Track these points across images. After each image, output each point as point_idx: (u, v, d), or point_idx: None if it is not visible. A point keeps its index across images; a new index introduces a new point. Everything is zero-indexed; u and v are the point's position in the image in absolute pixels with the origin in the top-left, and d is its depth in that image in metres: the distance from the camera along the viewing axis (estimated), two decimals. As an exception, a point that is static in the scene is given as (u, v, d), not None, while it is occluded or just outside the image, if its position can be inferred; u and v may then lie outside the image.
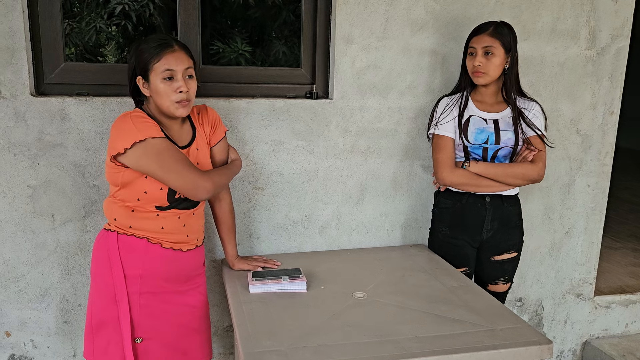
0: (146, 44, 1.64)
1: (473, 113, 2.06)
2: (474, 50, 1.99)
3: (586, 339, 2.78)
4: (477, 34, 1.99)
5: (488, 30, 1.97)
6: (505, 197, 2.10)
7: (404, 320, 1.63)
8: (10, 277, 2.04)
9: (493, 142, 2.03)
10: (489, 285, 2.21)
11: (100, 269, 1.72)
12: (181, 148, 1.72)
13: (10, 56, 1.89)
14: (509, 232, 2.14)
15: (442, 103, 2.10)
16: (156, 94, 1.64)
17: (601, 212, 2.63)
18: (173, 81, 1.63)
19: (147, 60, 1.62)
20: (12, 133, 1.93)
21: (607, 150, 2.55)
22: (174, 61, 1.62)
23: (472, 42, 2.00)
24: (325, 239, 2.31)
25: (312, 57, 2.24)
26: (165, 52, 1.62)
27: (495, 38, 1.96)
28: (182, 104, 1.65)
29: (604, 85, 2.47)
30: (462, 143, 2.04)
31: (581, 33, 2.39)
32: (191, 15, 2.08)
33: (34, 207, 2.00)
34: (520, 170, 2.03)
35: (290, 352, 1.44)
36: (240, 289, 1.83)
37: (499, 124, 2.04)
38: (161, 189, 1.66)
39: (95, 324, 1.73)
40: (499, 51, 1.96)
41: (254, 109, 2.13)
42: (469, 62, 2.02)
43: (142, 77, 1.65)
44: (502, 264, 2.17)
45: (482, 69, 1.97)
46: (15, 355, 2.11)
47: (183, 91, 1.63)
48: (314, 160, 2.23)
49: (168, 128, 1.71)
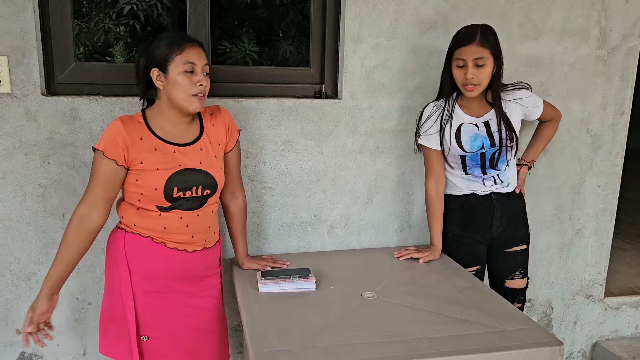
0: (165, 39, 1.67)
1: (463, 120, 2.04)
2: (464, 62, 1.91)
3: (596, 340, 2.76)
4: (464, 44, 1.90)
5: (475, 39, 1.88)
6: (510, 193, 2.13)
7: (414, 321, 1.62)
8: (22, 276, 2.05)
9: (489, 145, 2.03)
10: (506, 282, 2.19)
11: (110, 265, 1.76)
12: (182, 145, 1.72)
13: (22, 56, 1.90)
14: (517, 226, 2.17)
15: (427, 112, 2.09)
16: (174, 85, 1.65)
17: (611, 213, 2.61)
18: (193, 75, 1.65)
19: (168, 52, 1.64)
20: (23, 132, 1.95)
21: (617, 151, 2.53)
22: (197, 55, 1.66)
23: (461, 54, 1.91)
24: (333, 239, 2.31)
25: (321, 57, 2.23)
26: (187, 45, 1.66)
27: (485, 47, 1.89)
28: (198, 97, 1.67)
29: (614, 85, 2.45)
30: (458, 153, 2.05)
31: (592, 32, 2.37)
32: (201, 15, 2.08)
33: (45, 206, 2.01)
34: (552, 133, 2.24)
35: (299, 352, 1.44)
36: (249, 289, 1.83)
37: (490, 126, 2.03)
38: (155, 190, 1.66)
39: (106, 319, 1.77)
40: (489, 60, 1.91)
41: (263, 109, 2.13)
42: (458, 74, 1.94)
43: (158, 69, 1.66)
44: (514, 256, 2.17)
45: (474, 81, 1.91)
46: (25, 353, 2.12)
47: (203, 84, 1.66)
48: (323, 160, 2.23)
49: (174, 125, 1.72)
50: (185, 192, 1.70)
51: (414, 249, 2.16)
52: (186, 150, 1.72)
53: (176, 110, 1.70)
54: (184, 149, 1.72)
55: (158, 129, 1.70)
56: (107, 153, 1.63)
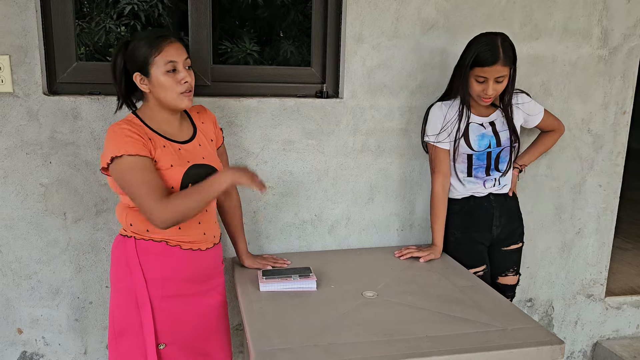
0: (140, 40, 1.61)
1: (471, 120, 2.07)
2: (485, 79, 1.93)
3: (597, 340, 2.76)
4: (487, 65, 1.90)
5: (498, 60, 1.89)
6: (505, 194, 2.18)
7: (415, 320, 1.62)
8: (23, 275, 2.05)
9: (495, 145, 2.07)
10: (499, 279, 2.23)
11: (120, 274, 1.70)
12: (183, 143, 1.71)
13: (24, 55, 1.90)
14: (514, 224, 2.22)
15: (438, 112, 2.08)
16: (160, 87, 1.62)
17: (612, 213, 2.61)
18: (176, 73, 1.62)
19: (146, 55, 1.59)
20: (25, 132, 1.95)
21: (619, 150, 2.53)
22: (175, 52, 1.62)
23: (484, 72, 1.92)
24: (334, 238, 2.31)
25: (323, 57, 2.24)
26: (164, 44, 1.60)
27: (507, 65, 1.92)
28: (186, 94, 1.65)
29: (616, 84, 2.45)
30: (466, 152, 2.07)
31: (593, 32, 2.37)
32: (202, 15, 2.08)
33: (46, 205, 2.02)
34: (550, 144, 2.28)
35: (300, 351, 1.44)
36: (250, 288, 1.83)
37: (496, 126, 2.08)
38: (172, 188, 1.64)
39: (118, 331, 1.71)
40: (508, 72, 1.95)
41: (264, 108, 2.13)
42: (477, 87, 1.96)
43: (140, 73, 1.62)
44: (510, 254, 2.23)
45: (493, 95, 1.97)
46: (27, 352, 2.12)
47: (188, 81, 1.64)
48: (324, 159, 2.23)
49: (168, 124, 1.70)
50: None
51: (414, 248, 2.17)
52: (188, 147, 1.72)
53: (166, 109, 1.68)
54: (186, 145, 1.71)
55: (158, 129, 1.68)
56: (139, 151, 1.55)
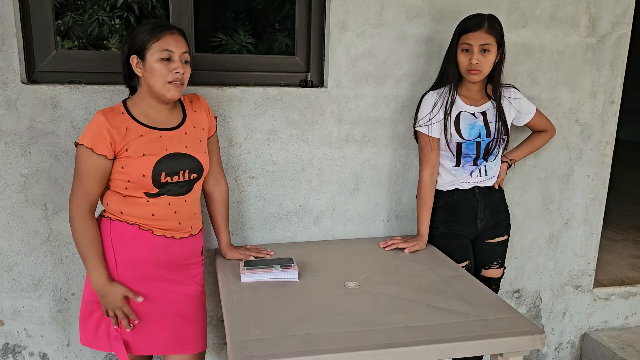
0: (145, 25, 1.67)
1: (462, 109, 2.06)
2: (470, 47, 1.95)
3: (585, 331, 2.75)
4: (472, 30, 1.94)
5: (483, 26, 1.94)
6: (491, 187, 2.16)
7: (395, 310, 1.61)
8: (3, 266, 2.03)
9: (485, 135, 2.06)
10: (482, 271, 2.22)
11: None
12: (168, 130, 1.73)
13: (1, 43, 1.87)
14: (499, 217, 2.20)
15: (430, 100, 2.08)
16: (150, 73, 1.65)
17: (601, 203, 2.59)
18: (170, 62, 1.65)
19: (145, 39, 1.64)
20: (3, 121, 1.92)
21: (607, 140, 2.51)
22: (174, 43, 1.65)
23: (468, 39, 1.95)
24: (319, 229, 2.30)
25: (307, 45, 2.21)
26: (165, 33, 1.65)
27: (492, 35, 1.94)
28: (175, 84, 1.66)
29: (604, 73, 2.43)
30: (457, 140, 2.05)
31: (581, 20, 2.35)
32: (184, 2, 2.05)
33: (26, 195, 1.99)
34: (540, 144, 2.27)
35: (278, 341, 1.42)
36: (231, 278, 1.82)
37: (487, 116, 2.07)
38: (143, 176, 1.65)
39: (87, 309, 1.75)
40: (494, 48, 1.96)
41: (247, 98, 2.10)
42: (463, 59, 1.98)
43: (137, 56, 1.66)
44: (494, 246, 2.21)
45: (479, 67, 1.96)
46: (9, 344, 2.11)
47: (179, 72, 1.65)
48: (309, 149, 2.20)
49: (156, 111, 1.73)
50: (172, 177, 1.70)
51: (399, 239, 2.15)
52: (172, 134, 1.73)
53: (154, 97, 1.70)
54: (169, 133, 1.73)
55: (142, 117, 1.71)
56: (97, 149, 1.62)
